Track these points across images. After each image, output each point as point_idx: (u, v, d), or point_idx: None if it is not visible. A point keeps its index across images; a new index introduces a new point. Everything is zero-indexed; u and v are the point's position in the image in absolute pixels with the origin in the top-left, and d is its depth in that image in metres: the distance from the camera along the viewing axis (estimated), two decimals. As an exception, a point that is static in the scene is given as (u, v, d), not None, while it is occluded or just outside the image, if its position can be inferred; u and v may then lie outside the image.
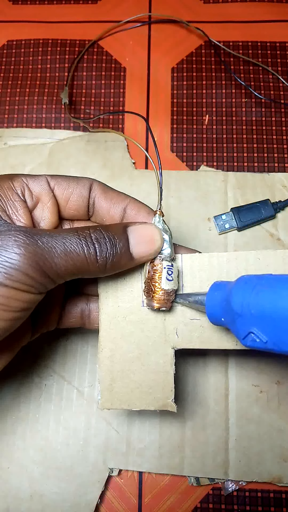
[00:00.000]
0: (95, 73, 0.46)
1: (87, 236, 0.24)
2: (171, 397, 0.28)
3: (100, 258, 0.24)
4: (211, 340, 0.28)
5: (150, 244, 0.26)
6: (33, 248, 0.22)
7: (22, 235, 0.23)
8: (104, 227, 0.25)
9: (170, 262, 0.27)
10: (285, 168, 0.42)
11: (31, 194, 0.27)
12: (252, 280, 0.22)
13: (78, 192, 0.28)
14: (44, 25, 0.47)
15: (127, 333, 0.28)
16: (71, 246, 0.23)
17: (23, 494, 0.34)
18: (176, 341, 0.28)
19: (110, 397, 0.28)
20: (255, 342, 0.22)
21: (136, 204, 0.29)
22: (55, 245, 0.23)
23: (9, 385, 0.37)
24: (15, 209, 0.26)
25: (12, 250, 0.22)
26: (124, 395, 0.28)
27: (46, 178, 0.27)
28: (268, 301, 0.21)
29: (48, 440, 0.35)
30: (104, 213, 0.28)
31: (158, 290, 0.27)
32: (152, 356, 0.28)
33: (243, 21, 0.47)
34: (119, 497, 0.35)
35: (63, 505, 0.34)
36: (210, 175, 0.41)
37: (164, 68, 0.45)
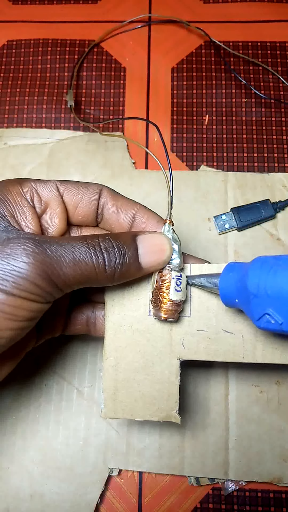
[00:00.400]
0: (95, 73, 0.46)
1: (96, 245, 0.24)
2: (175, 409, 0.27)
3: (108, 268, 0.24)
4: (218, 353, 0.27)
5: (159, 254, 0.26)
6: (42, 257, 0.22)
7: (31, 243, 0.22)
8: (113, 236, 0.25)
9: (179, 272, 0.27)
10: (285, 168, 0.42)
11: (40, 199, 0.26)
12: (269, 261, 0.22)
13: (88, 198, 0.27)
14: (44, 25, 0.47)
15: (132, 342, 0.28)
16: (80, 255, 0.23)
17: (23, 494, 0.34)
18: (182, 352, 0.28)
19: (113, 406, 0.28)
20: (270, 323, 0.21)
21: (146, 211, 0.28)
22: (63, 254, 0.23)
23: (9, 385, 0.37)
24: (24, 214, 0.25)
25: (20, 259, 0.22)
26: (128, 405, 0.27)
27: (56, 184, 0.27)
28: (286, 282, 0.20)
29: (48, 440, 0.35)
30: (113, 220, 0.28)
31: (166, 300, 0.26)
32: (157, 366, 0.28)
33: (243, 21, 0.47)
34: (119, 497, 0.35)
35: (63, 505, 0.34)
36: (210, 175, 0.41)
37: (164, 68, 0.45)
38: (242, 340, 0.27)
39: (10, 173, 0.42)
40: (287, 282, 0.20)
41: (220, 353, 0.27)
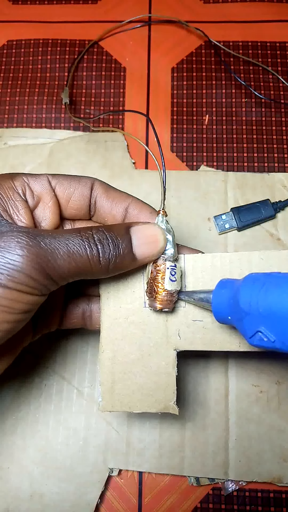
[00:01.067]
0: (95, 73, 0.46)
1: (90, 237, 0.24)
2: (173, 400, 0.27)
3: (103, 260, 0.24)
4: (214, 342, 0.28)
5: (153, 245, 0.26)
6: (36, 249, 0.22)
7: (24, 236, 0.22)
8: (107, 228, 0.25)
9: (173, 263, 0.27)
10: (285, 168, 0.42)
11: (32, 193, 0.26)
12: (260, 279, 0.22)
13: (80, 192, 0.27)
14: (44, 25, 0.47)
15: (128, 334, 0.28)
16: (74, 247, 0.23)
17: (23, 494, 0.34)
18: (179, 343, 0.28)
19: (111, 399, 0.28)
20: (263, 341, 0.21)
21: (138, 203, 0.28)
22: (58, 246, 0.23)
23: (9, 385, 0.37)
24: (16, 208, 0.25)
25: (15, 252, 0.22)
26: (125, 397, 0.27)
27: (47, 177, 0.27)
28: (277, 300, 0.20)
29: (48, 440, 0.35)
30: (106, 212, 0.28)
31: (161, 291, 0.26)
32: (154, 358, 0.28)
33: (243, 21, 0.47)
34: (119, 497, 0.35)
35: (63, 505, 0.34)
36: (210, 175, 0.41)
37: (164, 68, 0.45)
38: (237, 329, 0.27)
39: (10, 172, 0.42)
40: (278, 300, 0.20)
41: (216, 343, 0.28)
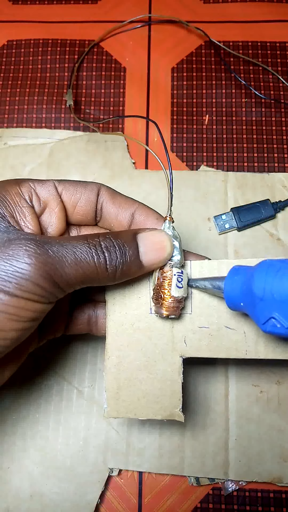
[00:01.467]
0: (95, 73, 0.46)
1: (97, 244, 0.24)
2: (178, 407, 0.27)
3: (110, 267, 0.24)
4: (220, 349, 0.27)
5: (160, 252, 0.25)
6: (44, 258, 0.22)
7: (32, 244, 0.22)
8: (114, 235, 0.25)
9: (180, 269, 0.27)
10: (285, 168, 0.42)
11: (39, 199, 0.26)
12: (275, 264, 0.22)
13: (86, 197, 0.27)
14: (44, 25, 0.47)
15: (134, 340, 0.28)
16: (81, 255, 0.23)
17: (23, 494, 0.34)
18: (184, 350, 0.28)
19: (116, 406, 0.27)
20: (276, 327, 0.21)
21: (145, 209, 0.28)
22: (65, 254, 0.23)
23: (9, 386, 0.37)
24: (23, 215, 0.25)
25: (23, 260, 0.22)
26: (131, 404, 0.27)
27: (54, 183, 0.27)
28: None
29: (48, 440, 0.35)
30: (112, 218, 0.28)
31: (168, 297, 0.26)
32: (159, 365, 0.28)
33: (243, 21, 0.47)
34: (119, 497, 0.35)
35: (63, 505, 0.34)
36: (210, 175, 0.41)
37: (164, 68, 0.45)
38: (244, 336, 0.27)
39: (10, 173, 0.42)
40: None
41: (223, 350, 0.27)
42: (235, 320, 0.27)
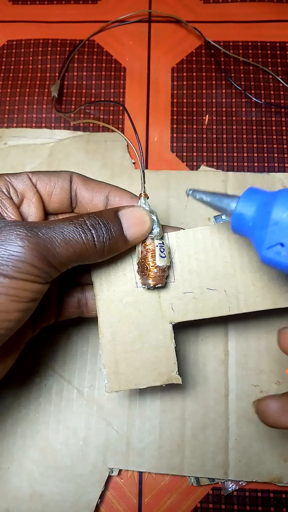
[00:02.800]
0: (95, 73, 0.46)
1: (83, 223, 0.25)
2: (175, 370, 0.28)
3: (98, 243, 0.25)
4: (206, 310, 0.29)
5: (141, 226, 0.27)
6: (36, 239, 0.23)
7: (23, 229, 0.23)
8: (97, 214, 0.26)
9: (161, 240, 0.28)
10: (285, 168, 0.42)
11: (16, 191, 0.27)
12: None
13: (60, 185, 0.28)
14: (44, 25, 0.47)
15: (125, 315, 0.29)
16: (69, 234, 0.24)
17: (23, 494, 0.34)
18: (173, 316, 0.29)
19: (116, 379, 0.29)
20: (279, 255, 0.21)
21: (118, 190, 0.29)
22: (54, 235, 0.24)
23: (9, 386, 0.37)
24: (4, 207, 0.26)
25: (16, 244, 0.23)
26: (130, 375, 0.29)
27: (27, 175, 0.28)
28: None
29: (48, 440, 0.35)
30: (87, 203, 0.29)
31: (153, 267, 0.28)
32: (151, 334, 0.29)
33: (243, 21, 0.47)
34: (119, 497, 0.35)
35: (63, 505, 0.34)
36: (210, 175, 0.41)
37: (164, 68, 0.45)
38: (225, 294, 0.29)
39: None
40: None
41: (208, 310, 0.29)
42: (215, 281, 0.29)
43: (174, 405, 0.36)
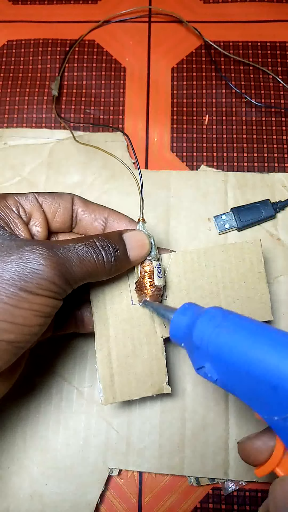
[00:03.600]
0: (95, 73, 0.46)
1: (94, 244, 0.27)
2: (165, 381, 0.31)
3: (107, 263, 0.27)
4: None
5: (142, 248, 0.29)
6: (56, 259, 0.25)
7: (44, 248, 0.25)
8: (105, 236, 0.28)
9: (158, 262, 0.31)
10: (285, 168, 0.42)
11: (24, 210, 0.29)
12: (217, 317, 0.23)
13: (63, 206, 0.30)
14: (44, 25, 0.47)
15: (120, 331, 0.31)
16: (83, 254, 0.26)
17: (23, 494, 0.34)
18: (164, 330, 0.32)
19: (111, 392, 0.30)
20: (207, 376, 0.23)
21: (117, 214, 0.31)
22: (71, 255, 0.26)
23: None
24: (16, 225, 0.28)
25: (39, 262, 0.24)
26: (124, 387, 0.31)
27: (34, 195, 0.29)
28: (226, 346, 0.22)
29: (48, 440, 0.35)
30: (87, 224, 0.31)
31: (151, 287, 0.30)
32: (145, 348, 0.31)
33: (243, 21, 0.47)
34: (119, 497, 0.35)
35: (63, 505, 0.34)
36: (210, 175, 0.41)
37: (164, 68, 0.45)
38: None
39: (10, 173, 0.42)
40: (227, 346, 0.22)
41: None
42: (202, 299, 0.32)
43: (174, 405, 0.36)
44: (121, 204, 0.41)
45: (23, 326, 0.24)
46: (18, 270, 0.24)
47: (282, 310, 0.37)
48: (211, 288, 0.32)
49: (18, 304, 0.24)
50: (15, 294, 0.24)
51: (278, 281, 0.38)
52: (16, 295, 0.24)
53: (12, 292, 0.24)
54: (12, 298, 0.23)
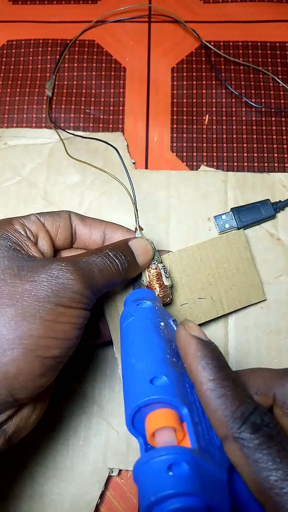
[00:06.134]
0: (95, 73, 0.46)
1: (107, 255, 0.28)
2: None
3: (122, 271, 0.28)
4: (199, 316, 0.34)
5: (147, 253, 0.31)
6: (81, 272, 0.26)
7: (69, 264, 0.26)
8: (114, 246, 0.29)
9: (162, 263, 0.32)
10: (285, 168, 0.42)
11: (31, 232, 0.29)
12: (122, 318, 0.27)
13: (64, 224, 0.31)
14: (44, 25, 0.47)
15: None
16: (101, 265, 0.27)
17: (23, 495, 0.34)
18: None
19: None
20: None
21: (113, 226, 0.33)
22: (91, 267, 0.27)
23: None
24: (28, 247, 0.28)
25: (67, 277, 0.25)
26: None
27: (36, 216, 0.30)
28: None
29: (48, 440, 0.35)
30: (86, 238, 0.32)
31: (161, 288, 0.31)
32: None
33: (243, 21, 0.47)
34: (119, 497, 0.35)
35: (63, 505, 0.34)
36: (210, 175, 0.41)
37: (164, 68, 0.45)
38: (212, 301, 0.35)
39: (10, 173, 0.42)
40: None
41: (201, 316, 0.34)
42: (203, 291, 0.35)
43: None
44: (121, 204, 0.41)
45: (64, 340, 0.25)
46: (50, 287, 0.25)
47: (282, 310, 0.37)
48: (209, 280, 0.35)
49: (57, 319, 0.24)
50: (53, 309, 0.24)
51: (278, 281, 0.38)
52: (54, 310, 0.24)
53: (50, 308, 0.24)
54: (51, 314, 0.24)
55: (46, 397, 0.29)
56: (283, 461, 0.18)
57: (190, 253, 0.35)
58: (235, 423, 0.19)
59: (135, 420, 0.22)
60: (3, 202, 0.41)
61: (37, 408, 0.27)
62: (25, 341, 0.23)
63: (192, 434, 0.20)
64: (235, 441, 0.19)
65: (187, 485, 0.18)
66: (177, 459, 0.19)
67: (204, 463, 0.19)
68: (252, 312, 0.37)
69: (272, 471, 0.18)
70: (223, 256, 0.35)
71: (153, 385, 0.21)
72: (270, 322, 0.37)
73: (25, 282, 0.25)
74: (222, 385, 0.21)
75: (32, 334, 0.24)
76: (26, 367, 0.24)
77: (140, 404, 0.21)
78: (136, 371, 0.23)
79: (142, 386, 0.21)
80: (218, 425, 0.20)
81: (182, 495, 0.18)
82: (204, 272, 0.35)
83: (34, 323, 0.24)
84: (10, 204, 0.41)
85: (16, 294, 0.24)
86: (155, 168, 0.42)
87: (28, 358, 0.23)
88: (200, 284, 0.34)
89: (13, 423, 0.26)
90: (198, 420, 0.21)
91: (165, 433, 0.20)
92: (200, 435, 0.21)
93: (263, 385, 0.22)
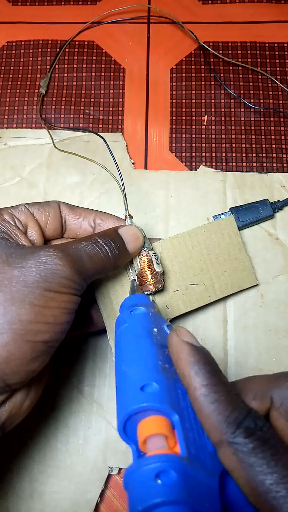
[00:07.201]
0: (94, 74, 0.46)
1: (97, 242, 0.28)
2: None
3: (112, 258, 0.29)
4: (192, 302, 0.35)
5: (137, 240, 0.31)
6: (70, 258, 0.26)
7: (57, 251, 0.26)
8: (103, 233, 0.30)
9: (153, 250, 0.33)
10: (283, 168, 0.42)
11: (20, 222, 0.30)
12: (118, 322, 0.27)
13: (53, 214, 0.31)
14: (44, 26, 0.48)
15: None
16: (91, 251, 0.28)
17: (23, 493, 0.35)
18: (168, 313, 0.34)
19: None
20: None
21: (103, 215, 0.33)
22: (80, 253, 0.27)
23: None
24: (17, 236, 0.29)
25: (56, 263, 0.25)
26: None
27: (25, 206, 0.31)
28: None
29: (48, 439, 0.36)
30: (76, 228, 0.32)
31: (152, 275, 0.32)
32: None
33: (241, 22, 0.47)
34: (119, 496, 0.35)
35: (63, 504, 0.34)
36: (209, 175, 0.41)
37: (163, 69, 0.46)
38: (204, 286, 0.35)
39: (10, 173, 0.42)
40: None
41: (194, 302, 0.35)
42: (195, 277, 0.35)
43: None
44: (120, 204, 0.41)
45: (55, 325, 0.25)
46: (39, 273, 0.25)
47: (281, 309, 0.38)
48: (201, 266, 0.35)
49: (47, 304, 0.25)
50: (42, 295, 0.25)
51: (277, 280, 0.38)
52: (43, 295, 0.25)
53: (39, 294, 0.24)
54: (40, 299, 0.24)
55: (40, 384, 0.29)
56: (278, 464, 0.18)
57: (181, 240, 0.35)
58: (229, 428, 0.19)
59: (127, 427, 0.21)
60: (3, 203, 0.41)
61: (30, 394, 0.27)
62: (15, 326, 0.24)
63: (182, 441, 0.20)
64: (229, 446, 0.19)
65: (175, 493, 0.18)
66: (165, 467, 0.18)
67: (193, 470, 0.19)
68: (251, 312, 0.38)
69: (267, 474, 0.18)
70: (214, 242, 0.36)
71: (143, 393, 0.21)
72: (269, 321, 0.37)
73: (14, 268, 0.25)
74: (215, 390, 0.20)
75: (22, 319, 0.24)
76: (17, 351, 0.24)
77: (130, 412, 0.21)
78: (127, 378, 0.22)
79: (133, 394, 0.21)
80: (211, 431, 0.20)
81: (169, 504, 0.17)
82: (196, 258, 0.35)
83: (23, 308, 0.24)
84: (10, 204, 0.41)
85: (5, 280, 0.24)
86: (155, 168, 0.42)
87: (18, 343, 0.24)
88: (192, 270, 0.35)
89: (5, 409, 0.26)
90: (190, 426, 0.21)
91: (156, 440, 0.20)
92: (191, 442, 0.20)
93: (259, 389, 0.22)
